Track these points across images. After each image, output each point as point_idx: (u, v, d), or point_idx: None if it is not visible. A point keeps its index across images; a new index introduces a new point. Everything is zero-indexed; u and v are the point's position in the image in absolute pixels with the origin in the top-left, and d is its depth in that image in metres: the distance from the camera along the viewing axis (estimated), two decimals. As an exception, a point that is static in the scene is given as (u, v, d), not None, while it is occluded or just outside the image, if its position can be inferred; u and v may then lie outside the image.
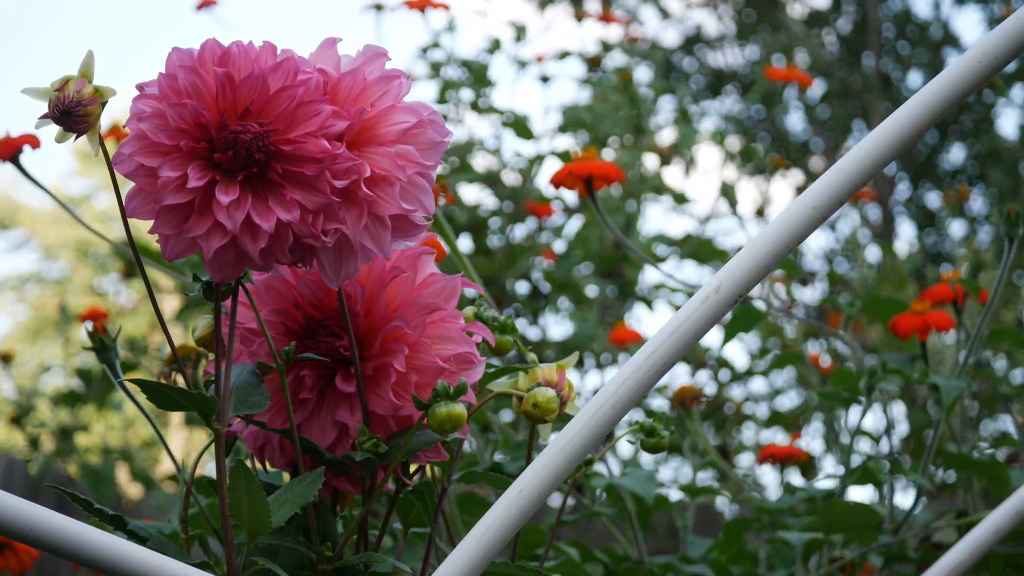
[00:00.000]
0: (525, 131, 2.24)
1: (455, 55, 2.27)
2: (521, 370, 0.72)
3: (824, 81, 5.75)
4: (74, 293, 6.99)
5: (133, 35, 15.68)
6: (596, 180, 1.09)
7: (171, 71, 0.59)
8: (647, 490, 1.07)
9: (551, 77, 2.39)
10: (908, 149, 0.67)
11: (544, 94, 2.46)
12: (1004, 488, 1.13)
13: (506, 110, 2.24)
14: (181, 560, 0.60)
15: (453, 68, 2.27)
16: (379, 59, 0.62)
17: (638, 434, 0.75)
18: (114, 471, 2.15)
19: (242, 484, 0.61)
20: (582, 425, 0.62)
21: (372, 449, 0.65)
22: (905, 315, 1.18)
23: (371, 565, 0.69)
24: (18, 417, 2.29)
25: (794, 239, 0.62)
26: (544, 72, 2.38)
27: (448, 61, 2.27)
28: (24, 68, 14.19)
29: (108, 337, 0.82)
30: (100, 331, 0.82)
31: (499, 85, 2.27)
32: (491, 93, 2.25)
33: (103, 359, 0.83)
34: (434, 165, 0.62)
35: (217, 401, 0.62)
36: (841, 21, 6.24)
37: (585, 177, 1.08)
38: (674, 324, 0.62)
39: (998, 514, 0.89)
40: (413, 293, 0.67)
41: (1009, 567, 1.10)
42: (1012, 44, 0.61)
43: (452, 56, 2.27)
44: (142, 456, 2.87)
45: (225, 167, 0.59)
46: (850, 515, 1.08)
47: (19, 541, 0.57)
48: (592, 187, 1.09)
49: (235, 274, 0.61)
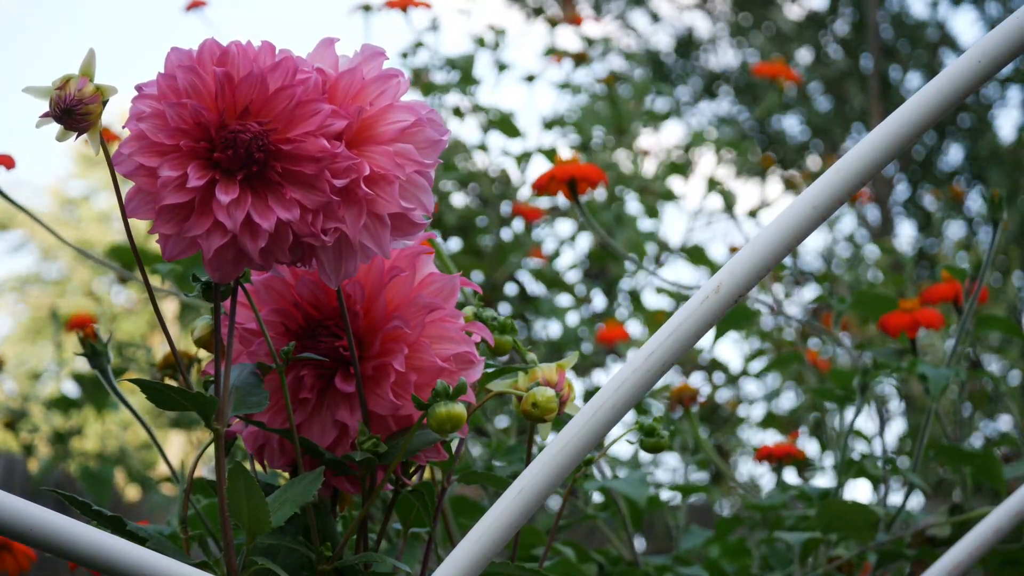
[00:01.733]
0: (511, 129, 2.24)
1: (439, 54, 2.28)
2: (520, 370, 0.72)
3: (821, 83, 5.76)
4: (73, 294, 6.99)
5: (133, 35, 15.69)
6: (579, 183, 1.08)
7: (170, 71, 0.59)
8: (639, 492, 1.07)
9: (535, 76, 2.39)
10: (908, 149, 0.67)
11: (529, 94, 2.46)
12: (997, 481, 1.13)
13: (491, 107, 2.24)
14: (180, 560, 0.60)
15: (438, 70, 2.27)
16: (377, 58, 0.62)
17: (637, 434, 0.75)
18: (112, 473, 2.15)
19: (241, 484, 0.61)
20: (582, 425, 0.61)
21: (372, 449, 0.65)
22: (894, 313, 1.18)
23: (371, 565, 0.69)
24: (12, 422, 2.28)
25: (794, 239, 0.62)
26: (528, 72, 2.38)
27: (432, 61, 2.27)
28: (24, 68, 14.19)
29: (99, 342, 0.82)
30: (91, 336, 0.82)
31: (482, 86, 2.28)
32: (476, 92, 2.26)
33: (94, 364, 0.83)
34: (433, 163, 0.62)
35: (217, 401, 0.62)
36: (839, 23, 6.24)
37: (568, 180, 1.08)
38: (674, 324, 0.62)
39: (998, 514, 0.89)
40: (412, 293, 0.67)
41: (1007, 564, 1.10)
42: (1012, 44, 0.61)
43: (436, 54, 2.27)
44: (140, 457, 2.86)
45: (225, 166, 0.59)
46: (847, 514, 1.08)
47: (19, 541, 0.57)
48: (576, 190, 1.08)
49: (234, 274, 0.61)
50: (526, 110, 4.24)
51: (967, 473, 1.19)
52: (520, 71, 2.39)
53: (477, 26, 3.46)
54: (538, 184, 1.09)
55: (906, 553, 1.11)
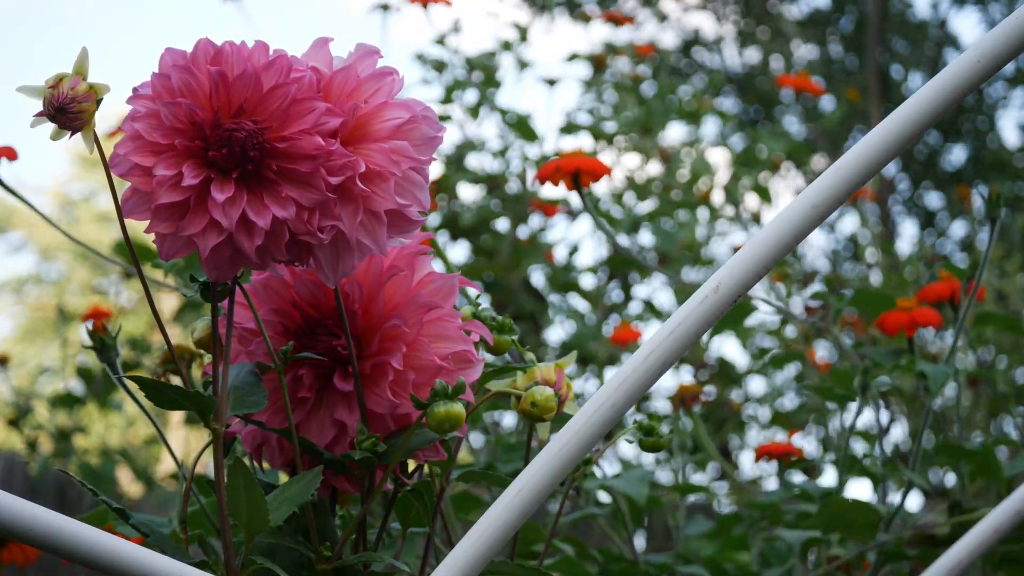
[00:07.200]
0: (529, 132, 2.23)
1: (460, 53, 2.27)
2: (519, 369, 0.72)
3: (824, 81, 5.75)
4: (73, 294, 6.99)
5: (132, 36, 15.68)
6: (584, 175, 1.07)
7: (164, 71, 0.59)
8: (639, 491, 1.07)
9: (556, 80, 2.38)
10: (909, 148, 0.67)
11: (549, 96, 2.44)
12: (997, 478, 1.13)
13: (509, 110, 2.23)
14: (180, 559, 0.60)
15: (459, 68, 2.26)
16: (371, 57, 0.62)
17: (637, 433, 0.75)
18: (114, 471, 2.15)
19: (240, 483, 0.60)
20: (581, 424, 0.61)
21: (371, 448, 0.65)
22: (892, 312, 1.18)
23: (370, 564, 0.68)
24: (16, 419, 2.28)
25: (794, 238, 0.62)
26: (548, 75, 2.37)
27: (452, 62, 2.26)
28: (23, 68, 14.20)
29: (108, 336, 0.82)
30: (100, 330, 0.82)
31: (503, 87, 2.27)
32: (496, 94, 2.25)
33: (103, 358, 0.83)
34: (428, 160, 0.62)
35: (215, 400, 0.62)
36: (843, 21, 6.24)
37: (572, 172, 1.07)
38: (673, 324, 0.62)
39: (998, 514, 0.89)
40: (411, 291, 0.67)
41: (1006, 563, 1.10)
42: (1012, 44, 0.61)
43: (458, 52, 2.26)
44: (143, 455, 2.86)
45: (220, 165, 0.59)
46: (848, 513, 1.08)
47: (18, 541, 0.57)
48: (580, 182, 1.07)
49: (231, 273, 0.61)
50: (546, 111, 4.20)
51: (965, 471, 1.19)
52: (541, 70, 2.38)
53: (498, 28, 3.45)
54: (542, 174, 1.08)
55: (907, 553, 1.11)
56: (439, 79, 2.27)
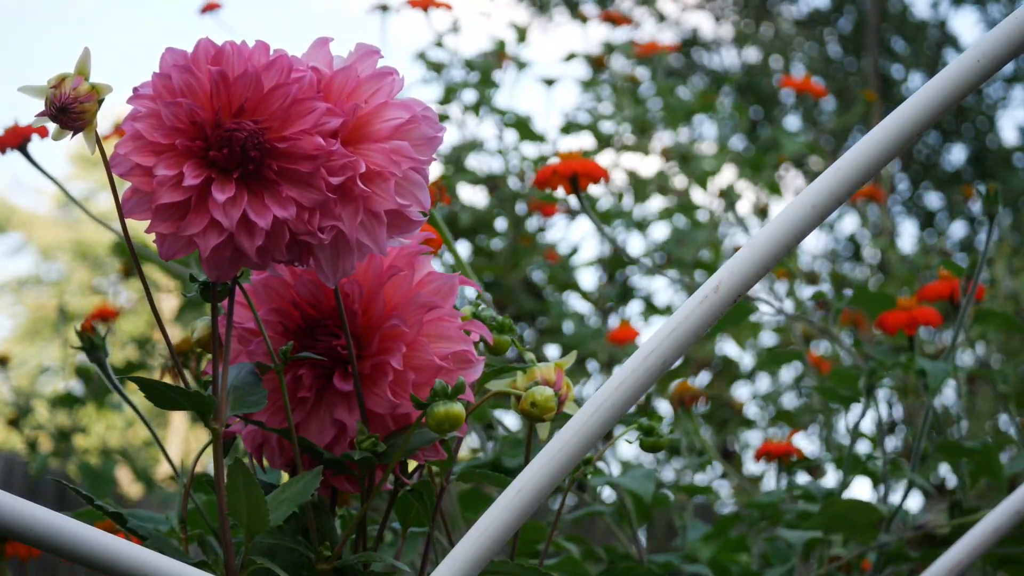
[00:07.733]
0: (528, 132, 2.23)
1: (459, 55, 2.27)
2: (519, 369, 0.72)
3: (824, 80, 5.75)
4: (72, 294, 6.99)
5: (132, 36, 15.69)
6: (581, 178, 1.07)
7: (165, 71, 0.59)
8: (645, 488, 1.07)
9: (555, 80, 2.38)
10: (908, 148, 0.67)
11: (547, 96, 2.44)
12: (996, 476, 1.13)
13: (508, 110, 2.23)
14: (180, 559, 0.60)
15: (457, 69, 2.26)
16: (371, 57, 0.62)
17: (637, 433, 0.75)
18: (113, 471, 2.15)
19: (240, 483, 0.60)
20: (581, 424, 0.61)
21: (370, 448, 0.65)
22: (892, 311, 1.18)
23: (370, 564, 0.68)
24: (16, 419, 2.28)
25: (794, 238, 0.62)
26: (547, 75, 2.37)
27: (451, 63, 2.26)
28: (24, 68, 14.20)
29: (97, 336, 0.82)
30: (89, 330, 0.82)
31: (501, 87, 2.27)
32: (495, 94, 2.25)
33: (93, 358, 0.83)
34: (428, 160, 0.62)
35: (215, 400, 0.62)
36: (842, 21, 6.24)
37: (570, 176, 1.07)
38: (673, 324, 0.62)
39: (998, 514, 0.89)
40: (411, 291, 0.67)
41: (1006, 563, 1.09)
42: (1012, 44, 0.61)
43: (456, 54, 2.26)
44: (143, 455, 2.86)
45: (220, 165, 0.59)
46: (850, 513, 1.08)
47: (18, 541, 0.57)
48: (578, 185, 1.08)
49: (231, 273, 0.61)
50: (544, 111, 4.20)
51: (966, 470, 1.19)
52: (539, 72, 2.38)
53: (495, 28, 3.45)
54: (540, 179, 1.09)
55: (909, 554, 1.11)
56: (439, 79, 2.27)
